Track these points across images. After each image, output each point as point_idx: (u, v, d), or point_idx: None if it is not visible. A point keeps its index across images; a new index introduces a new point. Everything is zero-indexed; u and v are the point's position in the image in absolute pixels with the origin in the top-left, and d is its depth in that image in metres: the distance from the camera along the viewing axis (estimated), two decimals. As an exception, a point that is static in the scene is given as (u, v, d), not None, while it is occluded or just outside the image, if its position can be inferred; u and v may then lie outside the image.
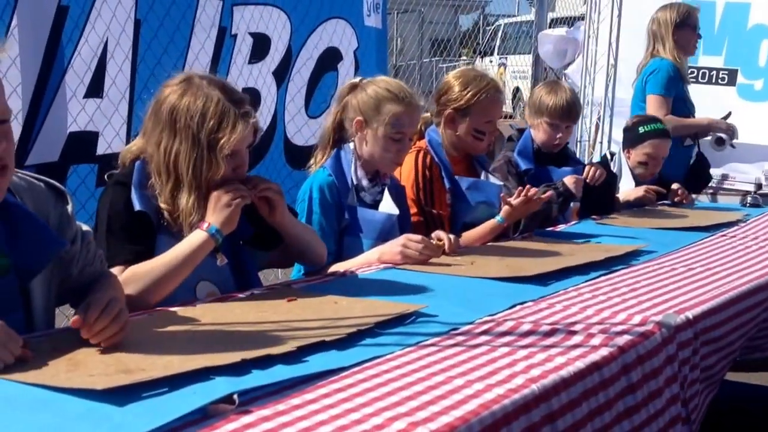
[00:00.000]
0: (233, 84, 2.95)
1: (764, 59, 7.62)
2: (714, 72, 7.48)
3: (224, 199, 2.63)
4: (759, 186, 5.97)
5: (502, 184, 4.20)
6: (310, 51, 5.27)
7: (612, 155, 5.81)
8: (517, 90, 18.63)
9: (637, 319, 2.48)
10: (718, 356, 2.71)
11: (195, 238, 2.62)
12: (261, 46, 4.90)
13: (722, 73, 7.49)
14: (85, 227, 2.43)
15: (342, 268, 3.13)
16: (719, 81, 7.47)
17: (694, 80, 7.18)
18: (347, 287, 2.82)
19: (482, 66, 18.44)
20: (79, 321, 2.05)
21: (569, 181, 4.30)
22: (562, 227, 4.18)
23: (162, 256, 2.62)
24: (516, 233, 4.07)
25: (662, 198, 5.07)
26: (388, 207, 3.44)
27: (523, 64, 16.03)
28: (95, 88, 4.00)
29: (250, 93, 4.60)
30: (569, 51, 9.70)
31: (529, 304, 2.66)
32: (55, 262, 2.28)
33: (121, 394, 1.74)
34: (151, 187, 2.70)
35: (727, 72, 7.42)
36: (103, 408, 1.69)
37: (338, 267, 3.16)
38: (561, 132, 4.52)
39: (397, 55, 17.33)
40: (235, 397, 1.74)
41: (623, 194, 5.05)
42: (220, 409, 1.69)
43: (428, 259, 3.18)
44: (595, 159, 7.40)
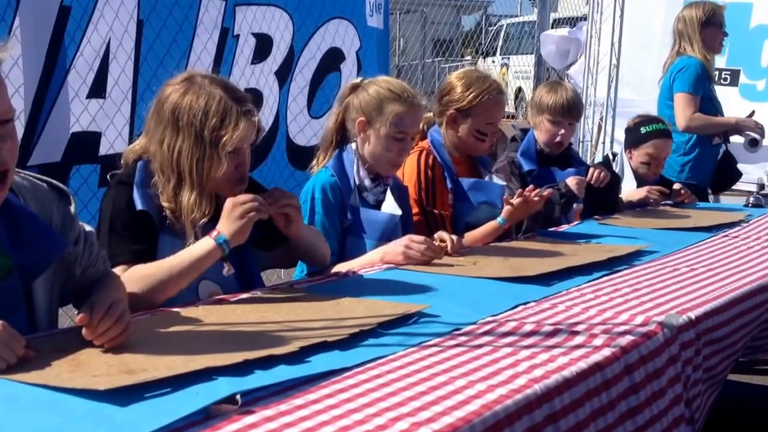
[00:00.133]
0: (235, 84, 2.95)
1: (767, 60, 7.63)
2: (716, 72, 7.47)
3: (238, 210, 2.58)
4: (762, 186, 5.96)
5: (504, 184, 4.19)
6: (312, 51, 5.27)
7: (614, 155, 5.81)
8: (519, 90, 18.66)
9: (639, 319, 2.48)
10: (721, 356, 2.71)
11: (202, 245, 2.59)
12: (263, 46, 4.90)
13: (725, 74, 7.50)
14: (87, 228, 2.43)
15: (345, 269, 3.13)
16: (722, 81, 7.46)
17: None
18: (350, 287, 2.82)
19: (485, 66, 18.48)
20: (86, 319, 2.05)
21: (572, 182, 4.28)
22: (565, 227, 4.18)
23: (167, 259, 2.60)
24: (519, 234, 4.06)
25: (665, 198, 5.06)
26: (390, 207, 3.44)
27: (526, 64, 16.05)
28: (98, 88, 4.00)
29: (253, 93, 4.60)
30: (571, 51, 9.71)
31: (531, 304, 2.66)
32: (58, 262, 2.28)
33: (124, 395, 1.74)
34: (154, 185, 2.70)
35: (729, 72, 7.42)
36: (105, 408, 1.70)
37: (341, 267, 3.16)
38: (563, 129, 4.47)
39: (399, 55, 17.35)
40: (238, 397, 1.74)
41: (626, 195, 5.04)
42: (223, 410, 1.70)
43: (431, 260, 3.18)
44: (598, 159, 7.41)
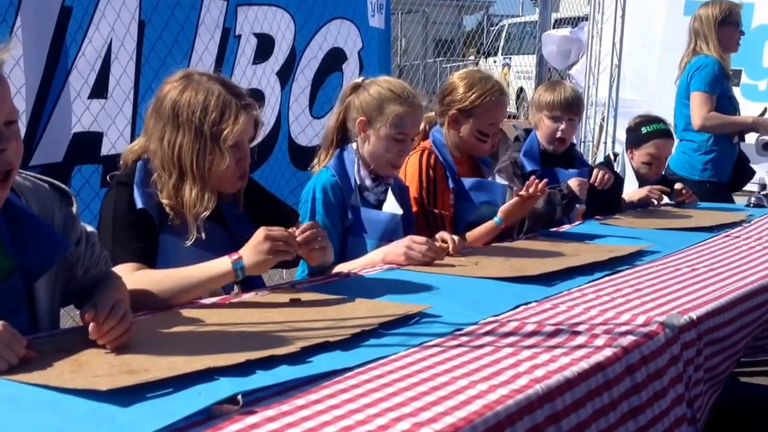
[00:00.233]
0: (237, 84, 2.96)
1: (768, 60, 7.63)
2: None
3: (267, 245, 2.53)
4: (763, 186, 5.94)
5: (507, 183, 4.19)
6: (314, 51, 5.27)
7: (615, 156, 5.80)
8: (521, 90, 18.67)
9: (640, 319, 2.48)
10: (722, 356, 2.70)
11: (219, 265, 2.56)
12: (265, 46, 4.90)
13: (726, 74, 7.47)
14: (89, 228, 2.43)
15: (346, 269, 3.13)
16: (723, 81, 7.44)
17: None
18: (351, 288, 2.82)
19: (486, 66, 18.49)
20: (92, 317, 2.05)
21: (573, 183, 4.27)
22: (566, 228, 4.18)
23: (178, 270, 2.56)
24: (520, 234, 4.06)
25: (666, 197, 5.06)
26: (391, 207, 3.44)
27: (527, 64, 16.07)
28: (99, 88, 4.01)
29: (254, 93, 4.60)
30: (573, 51, 9.71)
31: (533, 304, 2.66)
32: (60, 263, 2.28)
33: (126, 395, 1.74)
34: (154, 184, 2.71)
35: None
36: (107, 408, 1.69)
37: (342, 267, 3.16)
38: (563, 124, 4.45)
39: (401, 55, 17.36)
40: (240, 397, 1.74)
41: (627, 195, 5.04)
42: (225, 410, 1.69)
43: (432, 261, 3.18)
44: (599, 159, 7.40)
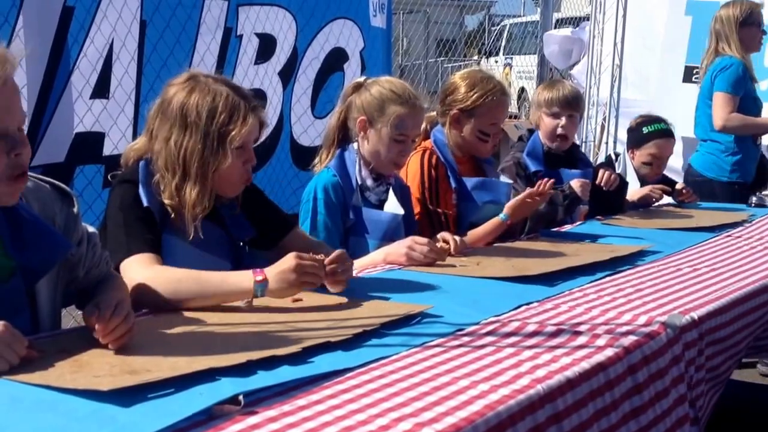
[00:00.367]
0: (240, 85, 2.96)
1: (769, 60, 7.60)
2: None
3: (294, 276, 2.49)
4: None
5: (510, 182, 4.19)
6: (316, 51, 5.27)
7: (617, 156, 5.80)
8: (522, 90, 18.66)
9: (642, 319, 2.48)
10: (724, 356, 2.70)
11: (240, 282, 2.51)
12: (267, 46, 4.90)
13: (728, 74, 7.45)
14: (90, 228, 2.43)
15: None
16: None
17: (699, 81, 7.13)
18: (353, 288, 2.81)
19: (487, 66, 18.49)
20: (95, 320, 2.05)
21: (576, 184, 4.27)
22: (568, 228, 4.18)
23: (198, 273, 2.52)
24: (522, 234, 4.06)
25: (667, 196, 5.05)
26: (393, 207, 3.44)
27: (529, 64, 16.06)
28: (101, 88, 4.01)
29: (257, 94, 4.60)
30: (574, 51, 9.70)
31: (534, 304, 2.66)
32: (61, 264, 2.28)
33: (127, 395, 1.74)
34: (156, 184, 2.70)
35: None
36: (108, 409, 1.70)
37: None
38: (563, 120, 4.44)
39: (402, 55, 17.36)
40: (241, 397, 1.74)
41: (628, 194, 5.03)
42: (226, 410, 1.70)
43: (433, 262, 3.17)
44: (601, 159, 7.40)
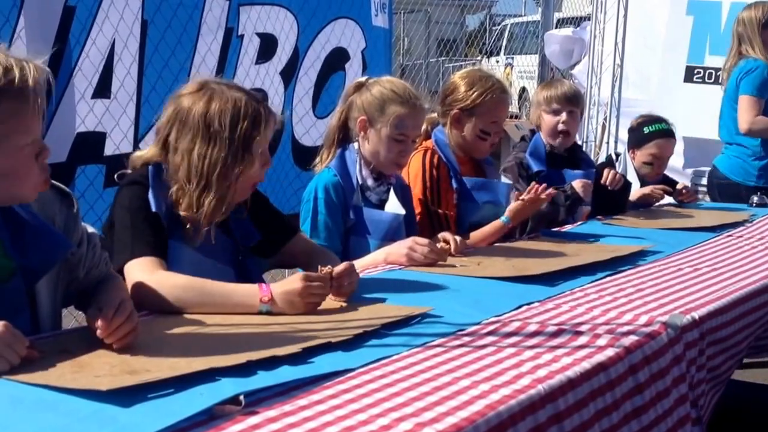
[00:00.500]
0: (241, 85, 2.96)
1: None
2: (721, 72, 7.45)
3: (299, 300, 2.46)
4: (766, 186, 5.93)
5: (511, 183, 4.19)
6: (317, 51, 5.27)
7: (617, 155, 5.78)
8: (523, 90, 18.63)
9: (643, 319, 2.48)
10: (725, 356, 2.70)
11: (245, 298, 2.48)
12: (268, 46, 4.90)
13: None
14: (90, 229, 2.43)
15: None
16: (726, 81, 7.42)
17: (701, 81, 7.10)
18: (353, 288, 2.82)
19: (488, 66, 18.48)
20: (97, 320, 2.04)
21: (577, 185, 4.27)
22: (569, 227, 4.18)
23: (203, 282, 2.50)
24: (523, 234, 4.06)
25: (667, 196, 5.05)
26: (394, 207, 3.44)
27: (530, 64, 16.06)
28: (102, 88, 4.00)
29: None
30: (575, 51, 9.70)
31: (535, 304, 2.66)
32: (61, 264, 2.28)
33: (127, 395, 1.74)
34: (170, 196, 2.67)
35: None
36: (109, 409, 1.70)
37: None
38: (563, 116, 4.43)
39: (403, 54, 17.34)
40: (242, 398, 1.74)
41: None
42: (227, 410, 1.70)
43: (434, 262, 3.17)
44: (602, 159, 7.39)
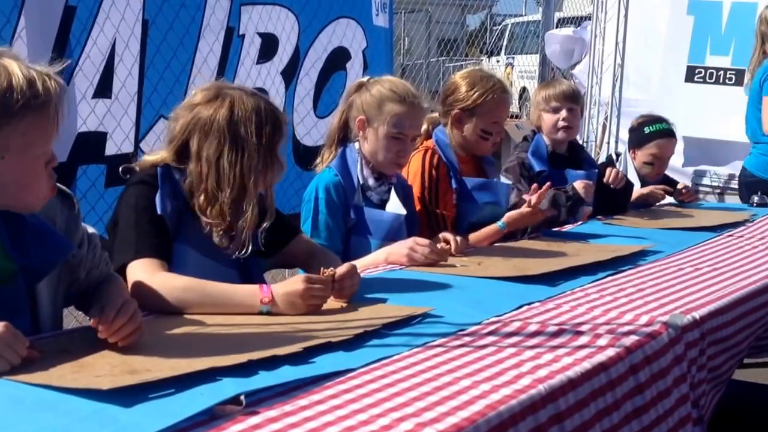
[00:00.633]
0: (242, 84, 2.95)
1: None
2: (721, 72, 7.46)
3: (300, 302, 2.46)
4: (766, 186, 5.93)
5: (510, 183, 4.19)
6: (318, 51, 5.27)
7: (618, 155, 5.78)
8: (524, 90, 18.64)
9: (644, 319, 2.48)
10: (725, 356, 2.70)
11: (245, 300, 2.48)
12: (269, 46, 4.90)
13: (729, 73, 7.47)
14: (90, 229, 2.42)
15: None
16: (726, 81, 7.44)
17: (702, 81, 7.11)
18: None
19: (489, 66, 18.48)
20: (99, 320, 2.05)
21: (579, 185, 4.26)
22: (569, 227, 4.18)
23: (204, 284, 2.50)
24: (524, 234, 4.06)
25: (667, 196, 5.05)
26: (395, 207, 3.44)
27: (531, 64, 16.07)
28: (104, 89, 4.00)
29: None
30: (576, 51, 9.71)
31: (536, 304, 2.66)
32: (62, 265, 2.27)
33: (128, 395, 1.74)
34: (192, 203, 2.65)
35: (734, 72, 7.39)
36: (109, 409, 1.70)
37: (345, 267, 3.15)
38: (563, 113, 4.43)
39: (404, 54, 17.32)
40: (242, 398, 1.74)
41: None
42: (227, 410, 1.70)
43: (435, 263, 3.17)
44: (602, 159, 7.39)
